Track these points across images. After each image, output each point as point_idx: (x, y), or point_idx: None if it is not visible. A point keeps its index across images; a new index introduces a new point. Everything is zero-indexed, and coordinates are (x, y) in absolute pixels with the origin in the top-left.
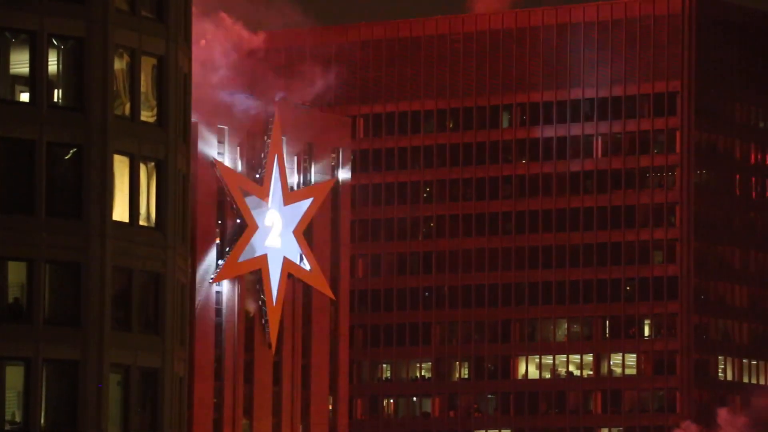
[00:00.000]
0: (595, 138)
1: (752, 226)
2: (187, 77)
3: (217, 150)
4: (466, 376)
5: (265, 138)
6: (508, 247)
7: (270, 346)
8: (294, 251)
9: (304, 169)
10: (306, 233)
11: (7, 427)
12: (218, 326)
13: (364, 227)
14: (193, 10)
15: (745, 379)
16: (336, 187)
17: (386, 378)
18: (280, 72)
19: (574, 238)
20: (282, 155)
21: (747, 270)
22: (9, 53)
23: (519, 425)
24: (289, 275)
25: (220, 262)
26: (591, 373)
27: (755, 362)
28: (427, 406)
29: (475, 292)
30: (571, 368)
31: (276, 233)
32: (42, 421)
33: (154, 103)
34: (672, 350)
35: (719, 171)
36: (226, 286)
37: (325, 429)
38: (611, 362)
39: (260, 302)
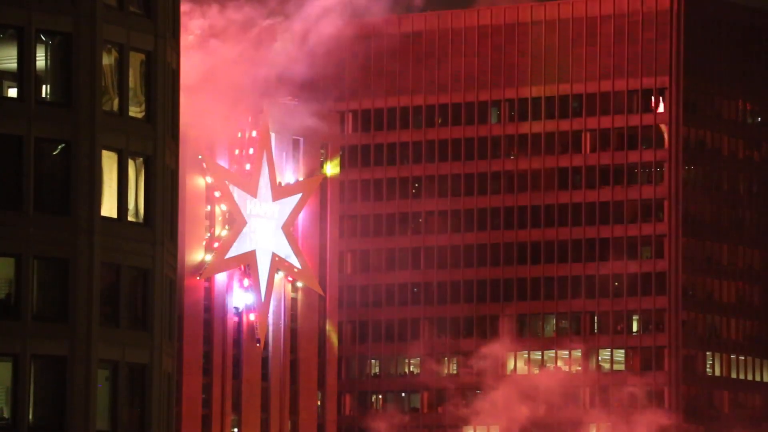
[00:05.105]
0: (583, 133)
1: (740, 221)
2: (176, 73)
3: (206, 145)
4: (455, 372)
5: (254, 133)
6: (497, 242)
7: (258, 341)
8: (283, 247)
9: (292, 165)
10: (294, 229)
11: None
12: (207, 322)
13: (352, 223)
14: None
15: (733, 375)
16: (324, 182)
17: (375, 374)
18: (270, 67)
19: (562, 233)
20: (271, 150)
21: (735, 266)
22: None
23: (508, 421)
24: (278, 271)
25: (209, 257)
26: (579, 368)
27: (743, 358)
28: (416, 401)
29: (464, 287)
30: (560, 364)
31: (265, 229)
32: (30, 416)
33: (142, 98)
34: (660, 346)
35: (707, 167)
36: (214, 282)
37: (313, 424)
38: (599, 358)
39: (249, 298)
